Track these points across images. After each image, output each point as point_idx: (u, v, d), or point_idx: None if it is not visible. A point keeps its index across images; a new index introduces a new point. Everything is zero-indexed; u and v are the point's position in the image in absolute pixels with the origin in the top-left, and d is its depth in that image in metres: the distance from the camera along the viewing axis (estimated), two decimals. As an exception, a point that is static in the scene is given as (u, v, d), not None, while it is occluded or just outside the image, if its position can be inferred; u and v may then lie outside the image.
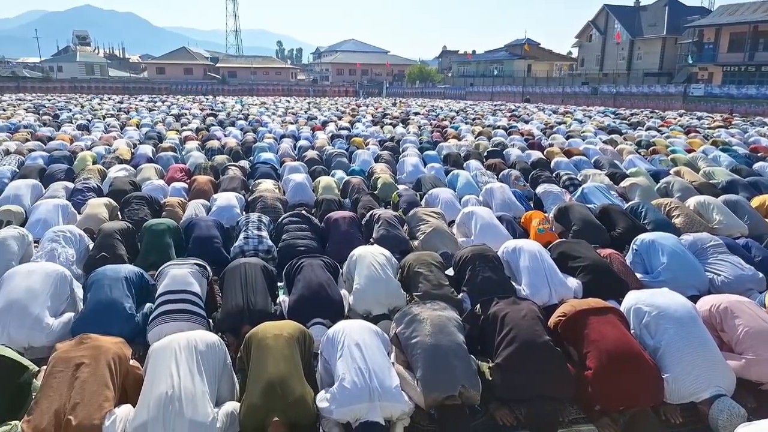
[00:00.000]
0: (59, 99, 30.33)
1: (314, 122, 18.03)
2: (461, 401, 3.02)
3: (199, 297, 3.88)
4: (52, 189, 7.19)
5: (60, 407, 2.58)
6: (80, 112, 20.64)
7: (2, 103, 26.54)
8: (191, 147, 11.10)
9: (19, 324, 3.55)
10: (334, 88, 53.15)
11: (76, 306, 4.03)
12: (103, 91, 42.58)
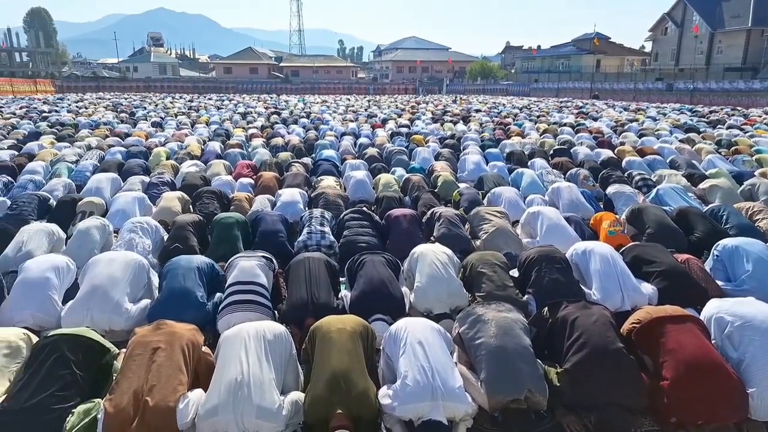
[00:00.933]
0: (135, 98, 32.08)
1: (374, 120, 18.13)
2: (527, 405, 2.94)
3: (265, 288, 3.99)
4: (129, 182, 7.63)
5: (138, 389, 2.73)
6: (154, 110, 21.75)
7: (84, 101, 28.44)
8: (257, 144, 11.45)
9: (102, 308, 3.77)
10: (394, 85, 53.28)
11: (152, 293, 4.25)
12: (174, 90, 44.75)
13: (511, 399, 2.91)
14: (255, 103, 27.87)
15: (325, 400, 2.83)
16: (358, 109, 24.07)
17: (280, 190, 7.24)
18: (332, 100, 31.55)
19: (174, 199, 6.55)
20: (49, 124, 15.33)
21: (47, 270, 4.09)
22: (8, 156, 9.65)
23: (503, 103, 29.97)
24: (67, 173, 8.40)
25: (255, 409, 2.68)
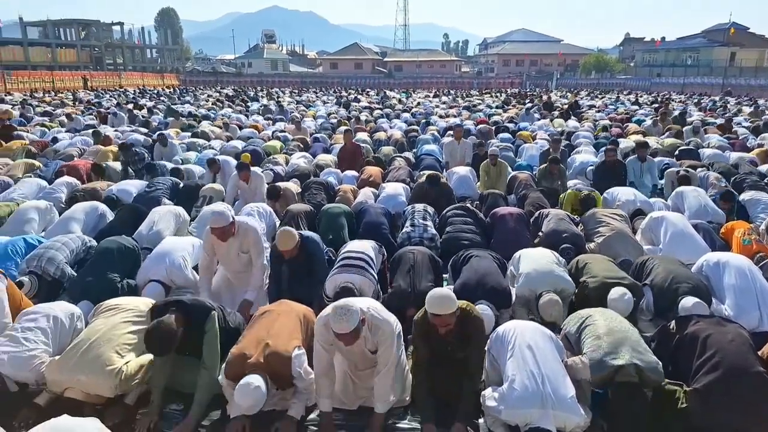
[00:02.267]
0: (250, 92, 34.11)
1: (478, 115, 17.76)
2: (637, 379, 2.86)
3: (373, 262, 4.24)
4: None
5: (260, 336, 3.14)
6: (266, 104, 22.99)
7: (204, 94, 30.78)
8: (361, 138, 11.69)
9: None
10: (499, 80, 51.85)
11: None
12: (284, 85, 46.99)
13: (619, 366, 2.85)
14: (362, 97, 28.44)
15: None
16: (461, 104, 23.73)
17: (384, 184, 7.35)
18: (434, 95, 31.31)
19: (287, 188, 6.88)
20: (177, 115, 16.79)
21: (180, 244, 4.71)
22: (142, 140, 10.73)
23: (620, 98, 27.96)
24: (194, 160, 9.17)
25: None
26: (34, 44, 52.07)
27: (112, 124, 14.05)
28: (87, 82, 39.69)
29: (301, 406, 3.14)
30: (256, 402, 2.84)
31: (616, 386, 2.86)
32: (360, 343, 3.03)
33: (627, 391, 2.84)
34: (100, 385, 3.02)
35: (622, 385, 2.84)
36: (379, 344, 3.06)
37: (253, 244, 4.24)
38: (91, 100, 23.49)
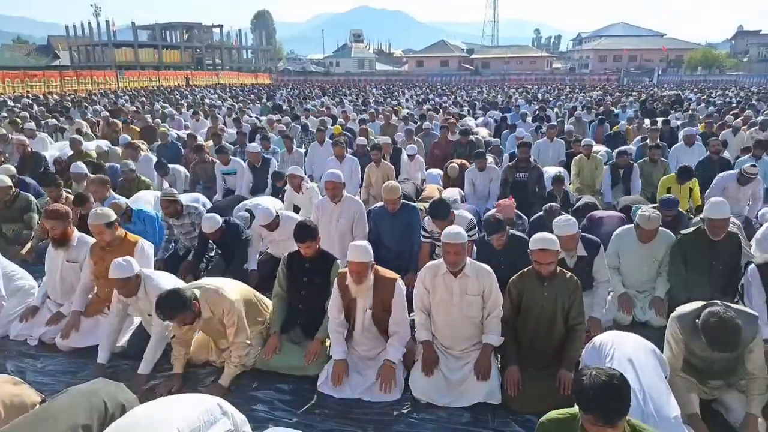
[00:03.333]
0: (341, 89, 34.77)
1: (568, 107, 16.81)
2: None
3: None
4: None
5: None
6: (355, 101, 23.27)
7: (295, 90, 31.79)
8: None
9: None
10: (594, 76, 49.18)
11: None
12: (370, 84, 47.56)
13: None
14: (448, 92, 28.04)
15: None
16: (550, 100, 22.65)
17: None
18: (517, 91, 30.14)
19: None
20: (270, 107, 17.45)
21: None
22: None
23: (731, 96, 25.40)
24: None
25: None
26: (143, 46, 56.52)
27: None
28: (189, 81, 42.48)
29: (400, 350, 3.39)
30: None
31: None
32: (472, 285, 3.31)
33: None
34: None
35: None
36: (487, 288, 3.32)
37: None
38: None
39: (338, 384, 3.30)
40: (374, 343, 3.54)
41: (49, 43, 67.67)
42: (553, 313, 3.28)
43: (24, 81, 30.46)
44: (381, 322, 3.47)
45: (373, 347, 3.54)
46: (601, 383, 1.88)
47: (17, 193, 5.71)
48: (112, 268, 3.36)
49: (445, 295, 3.35)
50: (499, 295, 3.36)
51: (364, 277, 3.27)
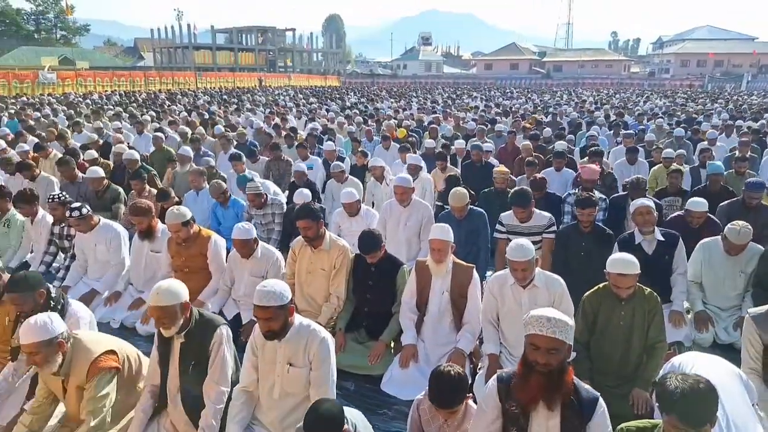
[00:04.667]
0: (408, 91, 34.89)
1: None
2: None
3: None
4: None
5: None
6: (422, 103, 23.28)
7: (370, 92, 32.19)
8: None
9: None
10: (675, 81, 46.51)
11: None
12: (437, 86, 47.37)
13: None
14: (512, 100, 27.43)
15: None
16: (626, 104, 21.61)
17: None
18: (593, 96, 28.99)
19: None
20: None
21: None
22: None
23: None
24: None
25: None
26: (220, 49, 59.26)
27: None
28: (262, 83, 44.07)
29: (471, 341, 3.39)
30: None
31: None
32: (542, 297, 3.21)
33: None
34: None
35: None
36: (557, 299, 3.21)
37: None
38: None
39: (405, 366, 3.33)
40: (445, 337, 3.51)
41: (136, 45, 72.49)
42: (630, 332, 3.13)
43: (112, 80, 32.80)
44: (457, 307, 3.48)
45: (443, 343, 3.50)
46: (688, 385, 1.81)
47: (108, 185, 6.13)
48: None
49: (513, 307, 3.27)
50: (571, 305, 3.23)
51: (445, 256, 3.37)
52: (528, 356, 2.16)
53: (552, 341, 2.08)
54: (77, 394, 2.61)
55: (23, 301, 2.89)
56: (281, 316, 2.48)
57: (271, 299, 2.41)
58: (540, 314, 2.14)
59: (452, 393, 2.19)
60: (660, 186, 6.92)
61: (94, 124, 11.74)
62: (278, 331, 2.52)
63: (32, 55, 44.19)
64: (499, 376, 2.32)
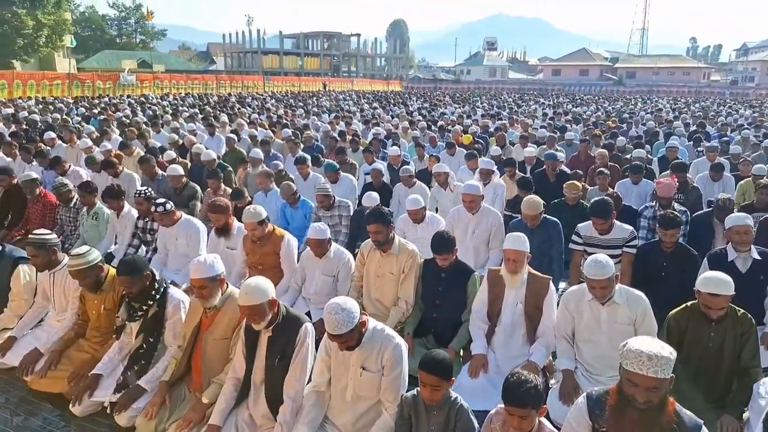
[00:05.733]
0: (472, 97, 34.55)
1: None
2: None
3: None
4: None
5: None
6: (487, 109, 22.97)
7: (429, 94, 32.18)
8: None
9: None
10: (760, 90, 43.46)
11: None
12: (501, 92, 46.64)
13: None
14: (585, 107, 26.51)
15: None
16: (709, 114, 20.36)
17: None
18: (668, 105, 27.55)
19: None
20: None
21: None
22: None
23: None
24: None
25: None
26: (288, 54, 61.14)
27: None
28: (326, 87, 44.99)
29: (545, 355, 3.31)
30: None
31: None
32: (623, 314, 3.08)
33: None
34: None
35: None
36: (640, 317, 3.07)
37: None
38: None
39: (474, 376, 3.26)
40: (517, 349, 3.42)
41: (208, 49, 76.06)
42: (719, 355, 2.94)
43: (187, 83, 34.53)
44: (531, 319, 3.38)
45: (514, 355, 3.41)
46: None
47: (187, 182, 6.42)
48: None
49: (591, 324, 3.14)
50: (654, 324, 3.07)
51: (521, 266, 3.29)
52: (624, 389, 2.04)
53: (653, 381, 1.95)
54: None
55: (132, 283, 3.14)
56: (355, 335, 2.52)
57: (342, 327, 2.43)
58: (638, 349, 1.97)
59: (526, 392, 2.09)
60: (747, 201, 6.47)
61: (171, 124, 12.37)
62: (354, 345, 2.57)
63: (114, 59, 47.29)
64: (588, 394, 2.23)
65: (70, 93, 26.18)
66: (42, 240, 3.66)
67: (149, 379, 3.18)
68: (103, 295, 3.52)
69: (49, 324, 3.86)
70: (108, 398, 3.18)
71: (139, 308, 3.23)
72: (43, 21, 35.18)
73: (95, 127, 11.49)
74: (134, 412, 3.05)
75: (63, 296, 3.79)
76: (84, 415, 3.21)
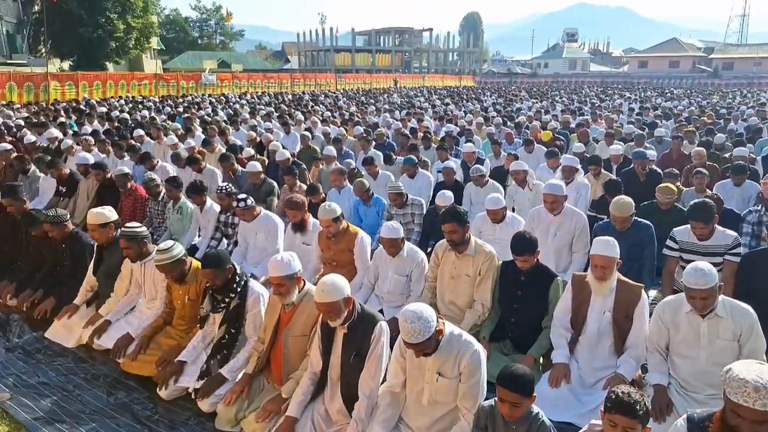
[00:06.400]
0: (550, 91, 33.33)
1: None
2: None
3: None
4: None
5: None
6: (567, 102, 22.07)
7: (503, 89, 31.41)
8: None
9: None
10: None
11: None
12: (581, 86, 44.61)
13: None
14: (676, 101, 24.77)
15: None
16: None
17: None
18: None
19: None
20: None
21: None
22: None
23: None
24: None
25: None
26: (359, 51, 61.86)
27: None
28: (397, 83, 45.06)
29: (634, 368, 3.11)
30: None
31: None
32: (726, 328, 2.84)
33: None
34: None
35: None
36: (746, 332, 2.81)
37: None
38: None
39: (556, 386, 3.10)
40: (603, 360, 3.21)
41: (283, 48, 78.54)
42: None
43: (263, 82, 35.82)
44: (620, 329, 3.16)
45: (600, 367, 3.21)
46: None
47: (264, 179, 6.61)
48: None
49: (689, 337, 2.89)
50: (762, 342, 2.78)
51: (610, 273, 3.09)
52: (729, 419, 1.84)
53: (761, 414, 1.74)
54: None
55: (216, 276, 3.26)
56: (432, 342, 2.45)
57: (419, 336, 2.37)
58: (743, 378, 1.77)
59: (636, 403, 1.91)
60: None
61: (249, 122, 12.84)
62: (431, 352, 2.50)
63: (196, 59, 49.97)
64: (690, 417, 2.03)
65: (156, 92, 27.95)
66: (133, 232, 3.87)
67: (230, 368, 3.29)
68: (187, 286, 3.69)
69: (140, 311, 4.10)
70: (192, 384, 3.33)
71: (221, 300, 3.35)
72: (132, 24, 37.68)
73: (180, 124, 12.15)
74: (216, 399, 3.18)
75: (153, 285, 4.01)
76: (170, 398, 3.38)
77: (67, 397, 3.43)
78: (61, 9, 31.85)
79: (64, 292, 4.35)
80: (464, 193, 6.34)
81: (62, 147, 8.66)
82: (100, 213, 4.15)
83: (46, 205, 6.73)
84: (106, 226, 4.14)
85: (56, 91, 23.39)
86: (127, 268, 4.09)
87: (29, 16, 39.30)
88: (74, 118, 13.56)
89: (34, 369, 3.76)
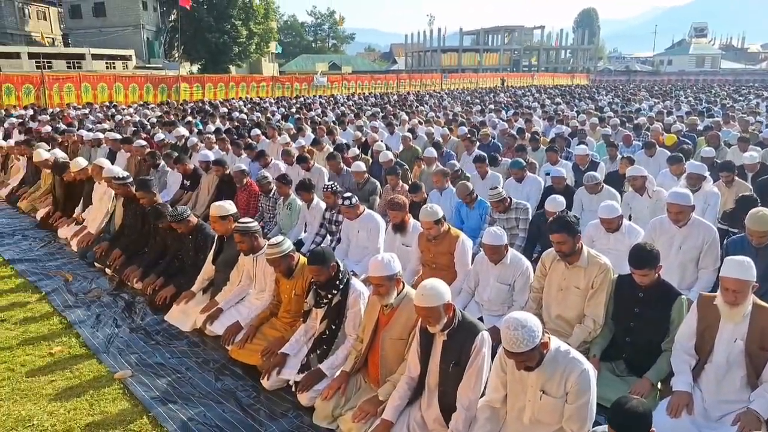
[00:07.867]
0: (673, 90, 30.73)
1: None
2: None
3: None
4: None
5: None
6: (694, 102, 20.19)
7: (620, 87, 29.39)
8: None
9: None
10: None
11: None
12: (710, 85, 40.52)
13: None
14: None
15: None
16: None
17: None
18: None
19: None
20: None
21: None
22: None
23: None
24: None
25: None
26: (466, 50, 61.21)
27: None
28: (504, 82, 43.92)
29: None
30: None
31: None
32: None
33: None
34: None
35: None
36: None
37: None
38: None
39: (676, 416, 2.80)
40: (733, 393, 2.85)
41: (391, 50, 79.91)
42: None
43: (370, 83, 36.67)
44: (754, 360, 2.79)
45: (729, 400, 2.85)
46: None
47: (368, 178, 6.73)
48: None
49: None
50: None
51: (743, 298, 2.72)
52: None
53: None
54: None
55: (321, 272, 3.35)
56: (536, 355, 2.30)
57: (521, 345, 2.23)
58: None
59: None
60: None
61: (356, 122, 13.17)
62: (534, 366, 2.36)
63: (309, 62, 52.48)
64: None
65: (272, 94, 29.68)
66: (246, 227, 4.09)
67: (330, 365, 3.35)
68: (294, 281, 3.83)
69: (249, 301, 4.32)
70: (293, 377, 3.44)
71: (324, 296, 3.43)
72: (254, 30, 40.39)
73: (292, 124, 12.77)
74: (315, 393, 3.25)
75: (263, 277, 4.22)
76: (272, 388, 3.51)
77: (180, 379, 3.68)
78: (193, 17, 34.98)
79: (183, 280, 4.71)
80: (575, 199, 5.97)
81: (188, 144, 9.46)
82: (222, 206, 4.46)
83: (172, 197, 7.40)
84: (226, 218, 4.44)
85: (186, 92, 25.75)
86: (242, 260, 4.34)
87: (166, 24, 43.61)
88: (199, 118, 14.76)
89: (153, 350, 4.07)
